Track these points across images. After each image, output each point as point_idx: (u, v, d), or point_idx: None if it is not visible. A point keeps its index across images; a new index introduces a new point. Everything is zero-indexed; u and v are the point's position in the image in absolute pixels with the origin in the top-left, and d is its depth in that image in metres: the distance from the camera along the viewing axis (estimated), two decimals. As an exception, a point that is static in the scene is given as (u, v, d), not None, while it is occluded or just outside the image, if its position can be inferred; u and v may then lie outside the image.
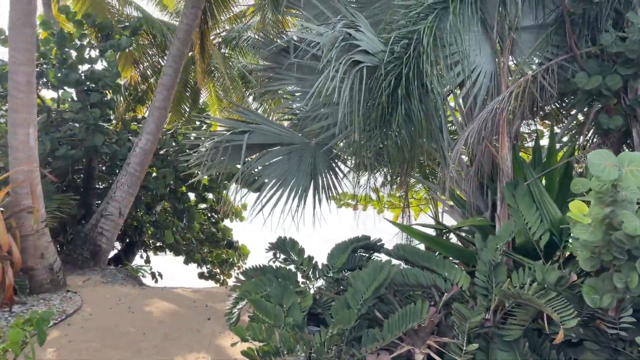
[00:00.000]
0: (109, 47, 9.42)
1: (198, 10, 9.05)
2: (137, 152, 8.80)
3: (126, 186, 8.73)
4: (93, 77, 9.35)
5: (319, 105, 6.19)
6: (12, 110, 5.58)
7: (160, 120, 8.93)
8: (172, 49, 8.97)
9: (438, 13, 5.12)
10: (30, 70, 5.51)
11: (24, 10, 5.25)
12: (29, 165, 5.76)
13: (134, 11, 12.58)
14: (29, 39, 5.38)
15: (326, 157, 6.44)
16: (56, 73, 8.89)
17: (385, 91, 4.96)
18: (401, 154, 5.35)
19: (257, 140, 6.37)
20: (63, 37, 9.20)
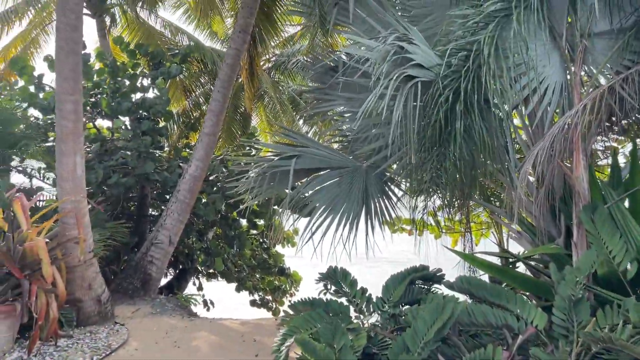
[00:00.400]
0: (159, 74, 9.47)
1: (246, 35, 8.96)
2: (186, 178, 8.70)
3: (176, 213, 8.62)
4: (145, 105, 9.41)
5: (369, 125, 5.83)
6: (59, 139, 5.54)
7: (210, 146, 8.82)
8: (220, 74, 8.90)
9: (499, 21, 4.67)
10: (76, 98, 5.46)
11: (69, 39, 5.23)
12: (76, 195, 5.67)
13: (185, 39, 12.76)
14: (75, 67, 5.35)
15: (379, 181, 6.04)
16: (109, 102, 8.99)
17: (443, 108, 4.53)
18: (461, 176, 4.87)
19: (306, 165, 6.06)
20: (116, 67, 9.34)
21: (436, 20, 6.02)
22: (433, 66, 4.57)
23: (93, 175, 8.39)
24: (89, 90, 9.29)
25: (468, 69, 4.57)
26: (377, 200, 6.12)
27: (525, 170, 4.67)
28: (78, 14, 5.25)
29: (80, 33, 5.34)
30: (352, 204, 6.03)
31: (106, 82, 9.44)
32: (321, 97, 7.03)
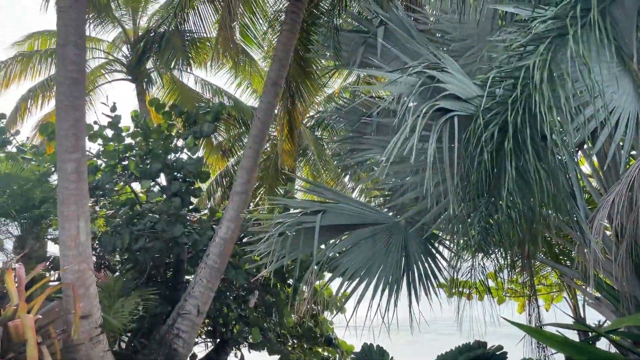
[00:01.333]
0: (191, 133, 9.15)
1: (278, 88, 8.52)
2: (216, 241, 8.09)
3: (205, 280, 7.96)
4: (176, 166, 9.05)
5: (404, 172, 5.03)
6: (61, 202, 5.09)
7: (241, 205, 8.22)
8: (252, 129, 8.43)
9: (552, 42, 3.85)
10: (79, 157, 5.04)
11: (70, 93, 4.86)
12: (80, 264, 5.12)
13: (225, 99, 12.61)
14: (76, 124, 4.95)
15: (420, 238, 5.15)
16: (138, 164, 8.68)
17: (488, 147, 3.70)
18: (517, 230, 3.94)
19: (334, 221, 5.28)
20: (147, 129, 9.11)
21: (478, 53, 5.28)
22: (472, 98, 3.78)
23: (118, 240, 7.95)
24: (120, 152, 9.05)
25: (516, 100, 3.75)
26: (420, 261, 5.22)
27: (599, 221, 3.72)
28: (80, 66, 4.91)
29: (82, 87, 4.98)
30: (389, 266, 5.15)
31: (139, 145, 9.20)
32: (356, 146, 6.35)
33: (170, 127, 9.59)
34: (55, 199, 7.56)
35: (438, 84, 3.72)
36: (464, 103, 3.79)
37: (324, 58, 8.69)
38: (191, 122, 10.01)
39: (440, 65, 4.03)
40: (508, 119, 3.67)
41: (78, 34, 4.78)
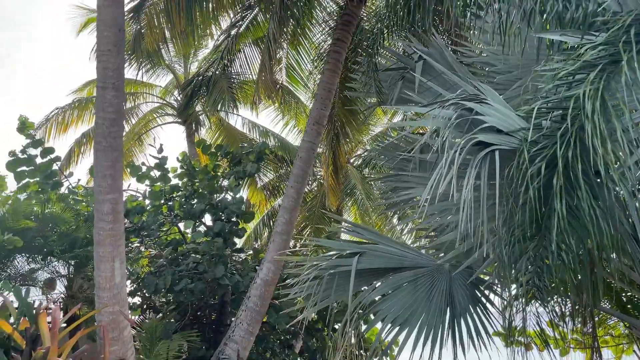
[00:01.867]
0: (234, 173, 9.17)
1: (320, 127, 8.45)
2: (257, 283, 7.92)
3: (245, 324, 7.76)
4: (220, 206, 9.05)
5: (446, 211, 4.71)
6: (97, 243, 5.09)
7: (282, 246, 8.06)
8: (294, 169, 8.34)
9: (604, 69, 3.52)
10: (115, 197, 5.05)
11: (107, 134, 4.93)
12: (114, 306, 5.05)
13: (271, 139, 12.68)
14: (113, 164, 4.99)
15: (465, 283, 4.76)
16: (182, 204, 8.73)
17: (534, 183, 3.36)
18: (571, 275, 3.53)
19: (372, 264, 4.99)
20: (194, 170, 9.21)
21: (525, 85, 4.98)
22: (515, 130, 3.48)
23: (162, 281, 7.92)
24: (167, 193, 9.16)
25: (566, 132, 3.40)
26: (467, 309, 4.81)
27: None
28: (117, 108, 4.98)
29: (120, 127, 5.04)
30: (433, 314, 4.77)
31: (184, 185, 9.30)
32: (398, 184, 6.08)
33: (216, 167, 9.67)
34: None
35: (476, 116, 3.46)
36: (505, 136, 3.49)
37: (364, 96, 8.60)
38: (236, 162, 10.07)
39: (480, 96, 3.77)
40: (557, 153, 3.34)
41: (117, 77, 4.88)
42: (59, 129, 11.89)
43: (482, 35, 5.48)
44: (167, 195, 8.99)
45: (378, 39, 5.27)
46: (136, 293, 8.78)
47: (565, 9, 3.85)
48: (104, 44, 4.80)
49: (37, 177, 8.31)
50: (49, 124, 11.76)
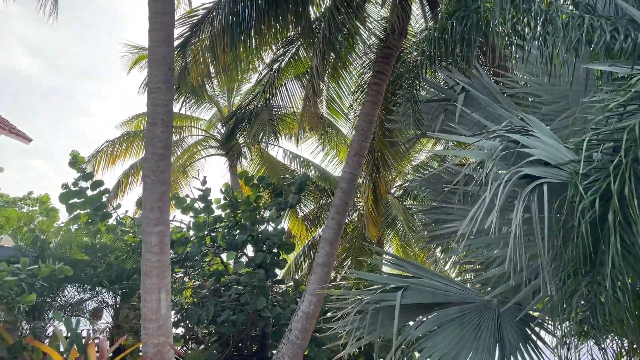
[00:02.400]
0: (275, 205, 9.25)
1: (361, 158, 8.47)
2: (299, 316, 7.86)
3: (287, 357, 7.69)
4: (261, 237, 9.12)
5: (492, 244, 4.59)
6: (144, 274, 5.19)
7: (324, 278, 8.01)
8: (335, 200, 8.35)
9: (657, 99, 3.43)
10: (163, 229, 5.17)
11: (156, 168, 5.08)
12: (160, 337, 5.11)
13: (312, 170, 12.76)
14: (161, 197, 5.13)
15: (514, 320, 4.58)
16: (224, 235, 8.84)
17: (586, 217, 3.25)
18: (628, 313, 3.36)
19: (417, 299, 4.87)
20: (235, 201, 9.34)
21: (572, 117, 4.86)
22: (564, 163, 3.40)
23: (204, 312, 7.98)
24: (211, 224, 9.31)
25: (619, 164, 3.30)
26: (517, 348, 4.61)
27: None
28: (166, 143, 5.14)
29: (168, 162, 5.20)
30: (481, 354, 4.59)
31: (227, 216, 9.43)
32: (441, 216, 5.99)
33: (258, 198, 9.78)
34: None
35: (523, 148, 3.39)
36: (554, 169, 3.40)
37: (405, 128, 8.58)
38: (277, 193, 10.17)
39: (526, 128, 3.70)
40: (611, 186, 3.23)
41: (166, 114, 5.06)
42: (107, 161, 12.35)
43: (526, 66, 5.42)
44: (210, 226, 9.13)
45: (419, 71, 5.28)
46: (179, 324, 8.86)
47: (613, 39, 3.79)
48: (154, 82, 5.00)
49: (88, 209, 8.61)
50: (98, 156, 12.25)
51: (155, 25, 5.02)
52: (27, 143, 15.86)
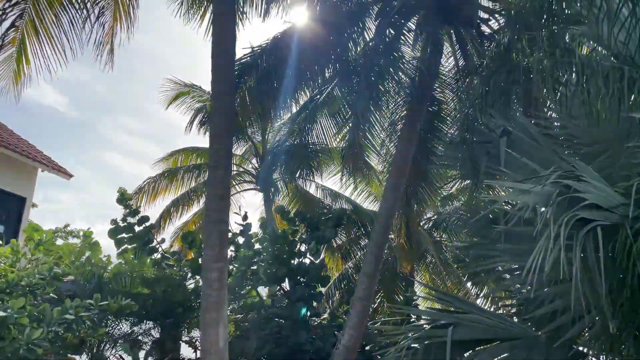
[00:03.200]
0: (314, 239, 9.51)
1: (397, 194, 8.73)
2: (339, 349, 8.02)
3: (329, 390, 7.83)
4: (300, 271, 9.36)
5: (543, 282, 4.77)
6: (204, 309, 5.47)
7: (364, 312, 8.19)
8: (372, 234, 8.60)
9: (700, 145, 3.68)
10: (221, 266, 5.47)
11: (216, 208, 5.41)
12: (218, 369, 5.36)
13: (344, 204, 13.04)
14: (221, 235, 5.44)
15: (565, 356, 4.73)
16: (266, 270, 9.11)
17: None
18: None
19: (466, 335, 5.05)
20: (275, 235, 9.64)
21: (614, 157, 5.08)
22: (615, 206, 3.63)
23: (247, 346, 8.20)
24: (251, 258, 9.59)
25: (667, 208, 3.54)
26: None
27: None
28: (226, 184, 5.49)
29: (227, 202, 5.54)
30: (532, 388, 4.74)
31: (266, 250, 9.71)
32: (483, 253, 6.18)
33: (294, 232, 10.06)
34: (192, 304, 8.13)
35: (576, 193, 3.64)
36: (606, 212, 3.64)
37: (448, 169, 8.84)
38: (313, 227, 10.44)
39: (576, 173, 3.95)
40: (660, 228, 3.45)
41: (227, 157, 5.43)
42: (149, 198, 12.85)
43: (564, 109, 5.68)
44: (251, 260, 9.42)
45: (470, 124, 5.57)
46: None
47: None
48: (217, 129, 5.39)
49: (135, 244, 8.98)
50: (141, 193, 12.75)
51: (218, 77, 5.44)
52: (68, 179, 16.51)
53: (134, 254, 8.98)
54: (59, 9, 6.49)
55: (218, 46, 5.45)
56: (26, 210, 15.71)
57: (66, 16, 6.52)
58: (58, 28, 6.55)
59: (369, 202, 14.87)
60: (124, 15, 7.16)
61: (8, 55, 6.51)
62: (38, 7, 6.39)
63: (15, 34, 6.38)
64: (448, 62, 10.84)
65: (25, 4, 6.37)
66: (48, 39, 6.46)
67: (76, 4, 6.58)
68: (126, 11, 7.12)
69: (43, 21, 6.45)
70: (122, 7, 7.15)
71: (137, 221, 9.22)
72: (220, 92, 5.41)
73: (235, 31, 5.92)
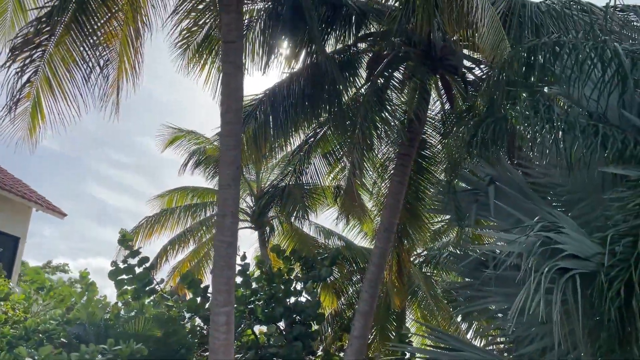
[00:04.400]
0: (310, 278, 9.80)
1: (390, 234, 9.11)
2: (338, 387, 8.26)
3: None
4: (297, 309, 9.61)
5: (532, 322, 5.14)
6: (211, 351, 5.73)
7: (360, 350, 8.46)
8: (367, 274, 8.93)
9: (667, 199, 4.13)
10: (229, 310, 5.77)
11: (225, 255, 5.73)
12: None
13: (336, 241, 13.37)
14: (228, 281, 5.75)
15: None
16: (263, 309, 9.35)
17: (614, 304, 3.86)
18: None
19: (460, 373, 5.39)
20: (272, 274, 9.91)
21: (592, 204, 5.54)
22: (591, 255, 4.05)
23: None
24: (248, 297, 9.82)
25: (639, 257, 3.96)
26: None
27: None
28: (233, 232, 5.84)
29: (234, 249, 5.87)
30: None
31: (262, 289, 9.96)
32: (475, 293, 6.55)
33: (290, 271, 10.34)
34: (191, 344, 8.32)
35: (556, 245, 4.06)
36: (583, 261, 4.05)
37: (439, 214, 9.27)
38: (309, 266, 10.74)
39: (557, 224, 4.38)
40: (633, 276, 3.86)
41: (234, 206, 5.79)
42: (144, 236, 13.11)
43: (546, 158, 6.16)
44: (248, 299, 9.66)
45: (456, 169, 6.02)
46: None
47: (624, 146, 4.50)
48: (224, 179, 5.77)
49: (135, 285, 9.19)
50: (136, 231, 13.01)
51: (227, 132, 5.86)
52: (62, 218, 16.68)
53: (133, 296, 9.17)
54: (72, 65, 6.92)
55: (227, 104, 5.89)
56: (20, 250, 15.81)
57: (79, 72, 6.95)
58: (71, 82, 6.97)
59: (360, 238, 15.21)
60: (130, 68, 7.59)
61: (23, 109, 6.89)
62: (52, 64, 6.82)
63: (30, 89, 6.79)
64: (434, 105, 11.42)
65: (40, 61, 6.79)
66: (61, 93, 6.87)
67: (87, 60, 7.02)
68: (131, 65, 7.56)
69: (56, 76, 6.87)
70: (127, 61, 7.59)
71: (138, 262, 9.43)
72: (229, 146, 5.81)
73: (243, 89, 6.38)
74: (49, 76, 6.82)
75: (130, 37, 7.30)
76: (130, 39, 7.30)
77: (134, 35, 7.25)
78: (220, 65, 7.21)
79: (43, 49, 6.81)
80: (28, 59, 6.60)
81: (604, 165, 4.84)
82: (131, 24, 7.25)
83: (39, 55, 6.82)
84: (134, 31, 7.24)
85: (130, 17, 7.25)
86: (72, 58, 6.87)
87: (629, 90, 4.92)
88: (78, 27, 6.70)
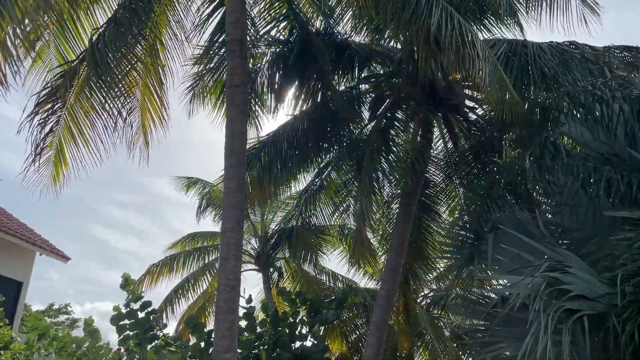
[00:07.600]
0: (317, 322, 9.63)
1: (397, 274, 8.99)
2: None
3: None
4: (303, 354, 9.38)
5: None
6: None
7: (369, 395, 8.22)
8: (373, 317, 8.78)
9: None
10: (232, 356, 5.66)
11: (228, 299, 5.67)
12: None
13: (339, 283, 13.21)
14: (231, 326, 5.66)
15: None
16: (269, 354, 9.14)
17: (629, 348, 3.77)
18: None
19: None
20: (277, 318, 9.73)
21: (600, 243, 5.48)
22: (600, 296, 3.98)
23: None
24: (253, 342, 9.62)
25: (649, 297, 3.88)
26: None
27: None
28: (236, 275, 5.78)
29: (238, 292, 5.79)
30: None
31: (267, 333, 9.76)
32: (485, 339, 6.41)
33: (295, 314, 10.15)
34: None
35: (563, 286, 3.99)
36: (592, 302, 3.98)
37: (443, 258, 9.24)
38: (314, 309, 10.54)
39: (563, 263, 4.32)
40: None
41: (237, 250, 5.74)
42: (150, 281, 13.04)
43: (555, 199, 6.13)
44: (253, 344, 9.45)
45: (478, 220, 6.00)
46: None
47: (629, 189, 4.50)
48: (228, 223, 5.75)
49: (137, 330, 9.03)
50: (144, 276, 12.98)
51: (231, 175, 5.89)
52: (65, 262, 16.62)
53: (135, 342, 9.01)
54: (93, 114, 7.14)
55: (230, 148, 5.95)
56: (22, 295, 15.69)
57: (100, 121, 7.18)
58: (92, 131, 7.19)
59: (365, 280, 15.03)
60: (157, 118, 7.80)
61: (46, 159, 7.10)
62: (74, 114, 7.05)
63: (52, 138, 7.00)
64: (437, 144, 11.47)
65: (62, 112, 7.01)
66: (84, 142, 7.09)
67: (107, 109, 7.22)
68: (157, 112, 7.75)
69: (78, 125, 7.09)
70: (151, 108, 7.79)
71: (140, 307, 9.30)
72: (232, 189, 5.82)
73: (246, 133, 6.47)
74: (70, 125, 7.04)
75: (153, 86, 7.52)
76: (153, 88, 7.52)
77: (157, 84, 7.49)
78: (225, 110, 7.34)
79: (63, 101, 7.02)
80: (50, 111, 6.82)
81: (610, 207, 4.83)
82: (153, 75, 7.48)
83: (60, 107, 7.02)
84: (156, 80, 7.47)
85: (152, 70, 7.48)
86: (93, 109, 7.10)
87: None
88: (98, 80, 6.88)
